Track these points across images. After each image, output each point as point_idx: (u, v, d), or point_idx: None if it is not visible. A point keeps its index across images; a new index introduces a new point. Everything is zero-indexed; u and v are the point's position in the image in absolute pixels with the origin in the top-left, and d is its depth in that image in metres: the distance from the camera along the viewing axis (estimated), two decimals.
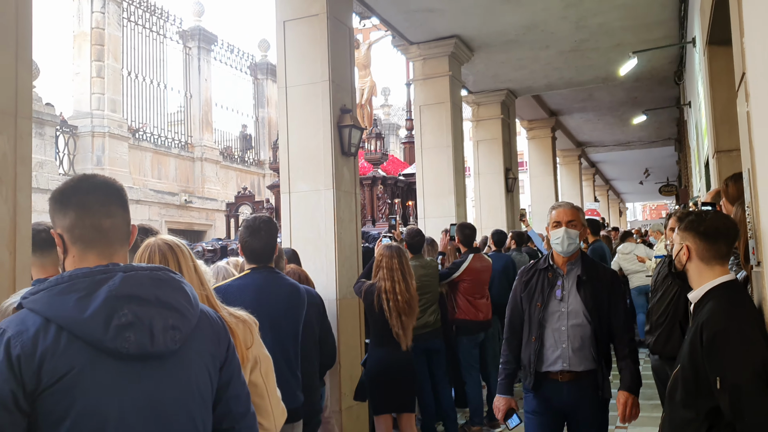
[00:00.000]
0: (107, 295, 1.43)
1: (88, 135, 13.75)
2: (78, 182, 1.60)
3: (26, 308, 1.45)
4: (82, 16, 14.13)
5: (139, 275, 1.52)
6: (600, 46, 8.91)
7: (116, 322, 1.42)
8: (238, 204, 11.99)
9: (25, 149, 2.83)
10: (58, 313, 1.41)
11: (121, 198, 1.64)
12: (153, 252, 2.01)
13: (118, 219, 1.60)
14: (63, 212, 1.57)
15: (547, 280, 3.30)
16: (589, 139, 17.59)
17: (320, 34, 5.54)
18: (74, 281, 1.45)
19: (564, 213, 3.29)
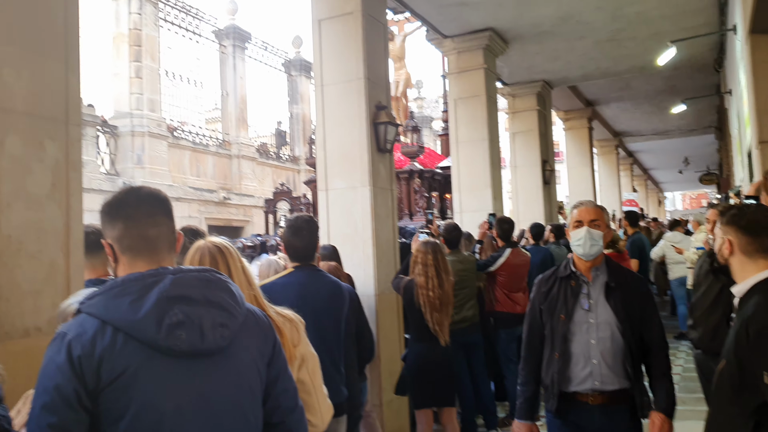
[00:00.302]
0: (158, 297, 1.52)
1: (128, 134, 14.03)
2: (125, 195, 1.69)
3: (84, 313, 1.54)
4: (119, 18, 14.40)
5: (187, 277, 1.60)
6: (637, 36, 8.79)
7: (168, 321, 1.50)
8: (276, 200, 12.14)
9: (75, 155, 2.94)
10: (114, 315, 1.50)
11: (165, 208, 1.72)
12: (203, 254, 2.08)
13: (164, 228, 1.69)
14: (112, 224, 1.66)
15: (570, 288, 2.94)
16: (626, 128, 17.35)
17: (355, 31, 5.58)
18: (127, 285, 1.54)
19: (586, 212, 2.96)
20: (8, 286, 2.62)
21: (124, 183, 13.35)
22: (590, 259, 2.93)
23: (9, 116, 2.67)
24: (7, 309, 2.61)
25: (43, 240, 2.76)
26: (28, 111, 2.75)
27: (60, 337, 1.51)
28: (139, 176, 13.78)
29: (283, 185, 12.83)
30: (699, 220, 7.71)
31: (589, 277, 2.95)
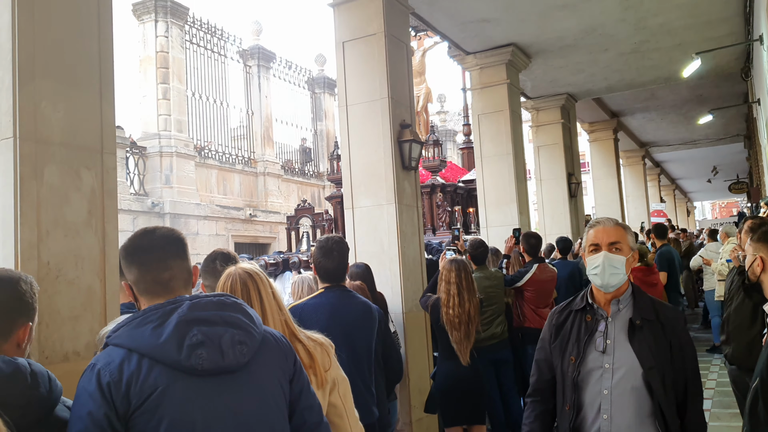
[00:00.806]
0: (178, 321, 1.61)
1: (157, 155, 14.26)
2: (139, 239, 1.79)
3: (111, 344, 1.65)
4: (147, 41, 14.69)
5: (203, 301, 1.70)
6: (661, 47, 8.75)
7: (188, 342, 1.59)
8: (299, 216, 12.09)
9: (111, 183, 3.02)
10: (138, 342, 1.60)
11: (178, 250, 1.81)
12: (234, 281, 2.14)
13: (176, 270, 1.78)
14: (128, 268, 1.78)
15: (584, 324, 2.41)
16: (652, 138, 17.20)
17: (378, 52, 5.65)
18: (147, 314, 1.65)
19: (604, 233, 2.41)
20: (48, 312, 2.70)
21: (152, 203, 13.58)
22: (611, 290, 2.39)
23: (47, 147, 2.77)
24: (47, 334, 2.69)
25: (81, 266, 2.85)
26: (65, 142, 2.84)
27: (90, 368, 1.61)
28: (168, 196, 14.00)
29: (305, 202, 12.84)
30: (728, 231, 7.60)
31: (609, 311, 2.41)
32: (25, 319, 1.67)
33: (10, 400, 1.51)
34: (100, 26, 3.08)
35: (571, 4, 7.15)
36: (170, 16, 14.66)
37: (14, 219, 2.63)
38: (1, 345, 1.61)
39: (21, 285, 1.67)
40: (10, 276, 1.67)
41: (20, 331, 1.66)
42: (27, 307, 1.68)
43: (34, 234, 2.68)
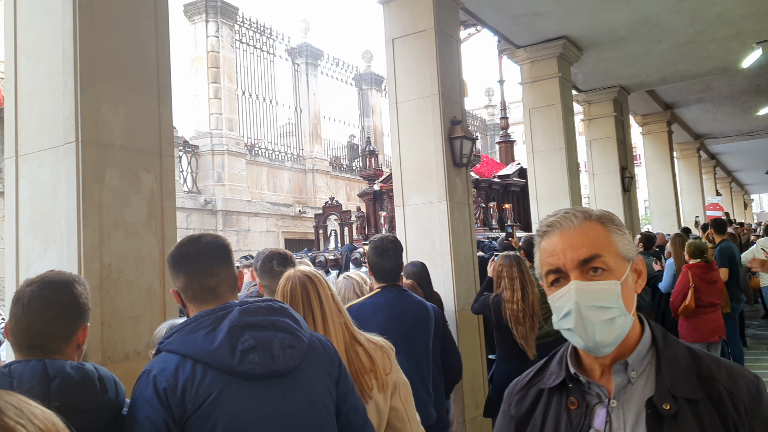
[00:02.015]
0: (230, 327, 1.65)
1: (209, 153, 14.50)
2: (186, 247, 1.82)
3: (164, 351, 1.68)
4: (198, 41, 14.93)
5: (253, 306, 1.72)
6: (718, 37, 8.47)
7: (240, 347, 1.63)
8: (327, 214, 11.99)
9: (169, 184, 3.08)
10: (191, 348, 1.64)
11: (224, 256, 1.83)
12: (294, 284, 2.16)
13: (222, 276, 1.80)
14: (176, 275, 1.80)
15: (565, 416, 1.34)
16: (708, 130, 16.70)
17: (429, 49, 5.61)
18: (199, 320, 1.68)
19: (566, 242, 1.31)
20: (110, 313, 2.77)
21: (205, 201, 13.81)
22: (605, 352, 1.31)
23: (108, 150, 2.83)
24: (109, 334, 2.75)
25: (141, 267, 2.90)
26: (125, 145, 2.90)
27: (146, 374, 1.64)
28: (220, 193, 14.22)
29: (332, 199, 12.70)
30: None
31: (610, 386, 1.32)
32: (83, 320, 1.71)
33: (83, 406, 1.54)
34: (157, 30, 3.13)
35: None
36: (220, 16, 14.87)
37: (77, 221, 2.69)
38: (64, 348, 1.65)
39: (77, 287, 1.70)
40: (65, 279, 1.70)
41: (80, 332, 1.70)
42: (84, 308, 1.71)
43: (96, 235, 2.74)
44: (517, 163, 12.32)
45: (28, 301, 1.62)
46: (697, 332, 6.19)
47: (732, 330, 7.17)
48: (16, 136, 2.93)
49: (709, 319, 6.19)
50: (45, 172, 2.81)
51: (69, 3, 2.77)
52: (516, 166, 11.90)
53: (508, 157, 13.67)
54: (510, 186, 11.01)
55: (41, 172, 2.83)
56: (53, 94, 2.80)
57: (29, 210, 2.86)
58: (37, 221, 2.83)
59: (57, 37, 2.81)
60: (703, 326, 6.17)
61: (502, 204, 10.48)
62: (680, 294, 6.18)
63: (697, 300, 6.06)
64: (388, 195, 10.48)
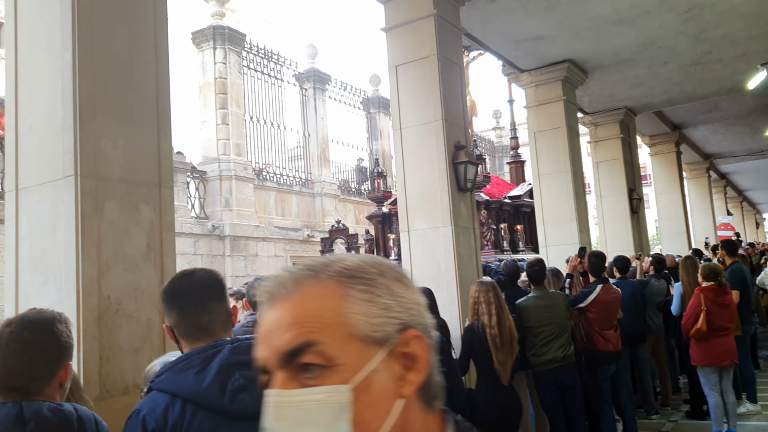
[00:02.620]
0: (219, 365, 1.62)
1: (216, 179, 14.57)
2: (178, 283, 1.81)
3: (155, 389, 1.66)
4: (206, 68, 15.08)
5: (244, 344, 1.70)
6: (723, 57, 8.47)
7: (230, 387, 1.60)
8: (333, 238, 11.83)
9: (168, 216, 3.08)
10: (181, 388, 1.61)
11: (216, 293, 1.81)
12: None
13: (215, 314, 1.78)
14: (168, 312, 1.79)
15: None
16: (717, 150, 16.63)
17: (431, 75, 5.63)
18: (190, 359, 1.66)
19: (271, 322, 0.81)
20: (109, 346, 2.75)
21: (213, 226, 13.85)
22: None
23: (107, 184, 2.83)
24: (108, 368, 2.74)
25: (140, 300, 2.89)
26: (124, 177, 2.90)
27: (135, 414, 1.62)
28: (228, 218, 14.26)
29: (339, 222, 12.59)
30: None
31: None
32: (64, 360, 1.69)
33: None
34: (157, 64, 3.15)
35: (627, 19, 7.00)
36: (228, 43, 15.02)
37: (76, 255, 2.69)
38: (45, 389, 1.63)
39: (57, 326, 1.68)
40: (45, 319, 1.68)
41: (61, 371, 1.67)
42: (64, 347, 1.69)
43: (95, 269, 2.74)
44: (528, 184, 12.22)
45: (6, 342, 1.59)
46: (710, 356, 6.10)
47: (744, 353, 7.06)
48: (17, 170, 2.94)
49: (721, 343, 6.09)
50: (44, 206, 2.82)
51: (68, 39, 2.79)
52: (527, 187, 11.79)
53: (518, 177, 13.60)
54: (521, 207, 10.93)
55: (41, 206, 2.84)
56: (53, 129, 2.82)
57: (29, 244, 2.87)
58: (37, 255, 2.83)
59: (56, 72, 2.83)
60: (715, 350, 6.08)
61: (513, 225, 10.38)
62: (692, 317, 6.10)
63: (709, 323, 5.97)
64: (397, 217, 10.44)
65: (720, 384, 6.14)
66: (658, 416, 7.23)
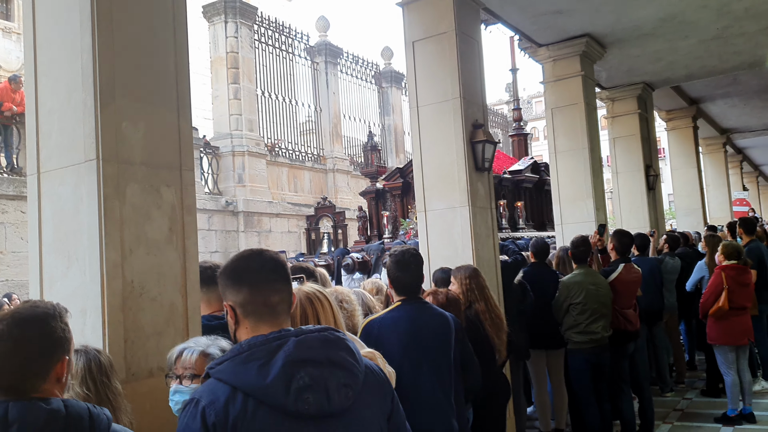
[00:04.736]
0: (284, 361, 1.55)
1: (229, 154, 14.55)
2: (248, 260, 1.74)
3: (214, 378, 1.59)
4: (217, 42, 14.99)
5: (309, 338, 1.63)
6: (746, 31, 8.29)
7: (295, 385, 1.54)
8: (319, 215, 11.39)
9: (189, 199, 3.06)
10: (243, 381, 1.55)
11: (284, 273, 1.76)
12: (295, 304, 2.11)
13: (284, 294, 1.73)
14: (236, 289, 1.71)
15: None
16: (734, 125, 16.40)
17: (449, 51, 5.54)
18: (253, 350, 1.58)
19: None
20: (133, 329, 2.75)
21: (226, 202, 13.87)
22: None
23: (128, 167, 2.81)
24: (132, 351, 2.74)
25: (163, 283, 2.89)
26: (145, 161, 2.88)
27: (193, 404, 1.56)
28: (241, 194, 14.27)
29: (325, 199, 12.15)
30: None
31: None
32: (60, 354, 1.63)
33: None
34: (176, 43, 3.11)
35: None
36: (239, 17, 14.90)
37: (99, 239, 2.68)
38: (40, 386, 1.58)
39: (50, 322, 1.62)
40: (36, 314, 1.62)
41: (57, 367, 1.63)
42: (59, 342, 1.63)
43: (118, 253, 2.72)
44: (530, 158, 12.03)
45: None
46: (727, 335, 6.10)
47: (760, 332, 7.05)
48: (38, 154, 2.92)
49: (738, 322, 6.10)
50: (66, 190, 2.80)
51: (87, 20, 2.75)
52: (529, 161, 11.58)
53: (521, 150, 13.42)
54: (522, 182, 10.78)
55: (63, 190, 2.82)
56: (73, 112, 2.79)
57: (52, 228, 2.86)
58: (60, 239, 2.82)
59: (76, 54, 2.79)
60: (733, 329, 6.08)
61: (513, 202, 10.21)
62: (713, 295, 6.09)
63: (729, 302, 5.96)
64: (391, 194, 10.26)
65: (737, 363, 6.14)
66: (673, 393, 7.26)
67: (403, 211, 10.05)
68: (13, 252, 10.19)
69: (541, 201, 11.48)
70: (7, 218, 10.17)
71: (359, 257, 7.67)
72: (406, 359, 3.05)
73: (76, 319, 2.63)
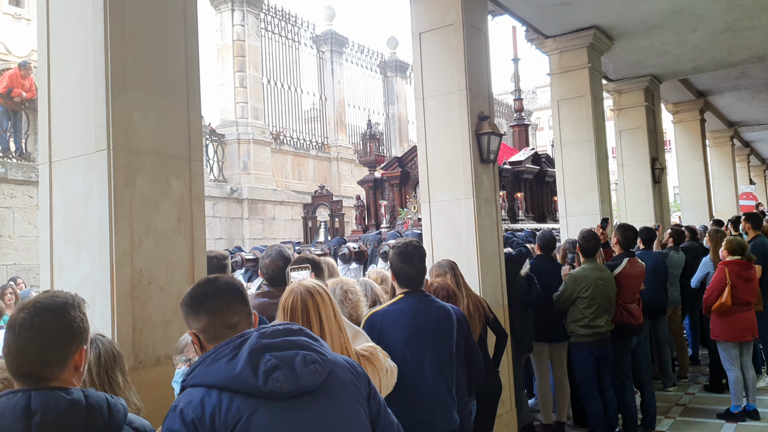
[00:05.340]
0: (249, 350, 1.64)
1: (234, 142, 14.58)
2: (204, 287, 1.81)
3: (188, 387, 1.67)
4: (224, 30, 14.97)
5: (270, 330, 1.72)
6: (756, 25, 8.25)
7: (263, 368, 1.62)
8: (316, 204, 11.35)
9: (198, 189, 3.09)
10: (215, 378, 1.63)
11: (241, 295, 1.84)
12: (295, 299, 2.18)
13: (243, 314, 1.81)
14: (196, 316, 1.79)
15: None
16: (742, 118, 16.32)
17: (456, 43, 5.54)
18: (218, 350, 1.67)
19: None
20: (141, 318, 2.79)
21: (231, 189, 13.90)
22: None
23: (138, 157, 2.84)
24: (140, 339, 2.78)
25: (171, 272, 2.92)
26: (155, 151, 2.91)
27: (172, 410, 1.65)
28: (245, 182, 14.30)
29: (322, 188, 12.15)
30: None
31: None
32: (78, 344, 1.66)
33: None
34: (186, 35, 3.13)
35: None
36: (246, 5, 14.88)
37: (109, 228, 2.71)
38: (60, 374, 1.61)
39: (69, 312, 1.65)
40: (57, 304, 1.65)
41: (76, 356, 1.65)
42: (78, 332, 1.66)
43: (128, 242, 2.76)
44: (531, 149, 11.95)
45: (19, 329, 1.59)
46: (731, 331, 6.09)
47: (764, 327, 7.04)
48: (50, 142, 2.95)
49: (742, 318, 6.08)
50: (77, 179, 2.83)
51: (100, 11, 2.77)
52: (530, 152, 11.49)
53: (522, 141, 13.34)
54: (522, 173, 10.72)
55: (74, 179, 2.85)
56: (84, 101, 2.82)
57: (63, 215, 2.89)
58: (71, 227, 2.86)
59: (88, 44, 2.81)
60: (737, 325, 6.07)
61: (512, 193, 10.15)
62: (716, 290, 6.08)
63: (732, 298, 5.96)
64: (390, 183, 10.22)
65: (740, 359, 6.14)
66: (675, 388, 7.27)
67: (401, 201, 10.02)
68: (21, 236, 10.26)
69: (541, 192, 11.44)
70: (16, 203, 10.23)
71: (356, 247, 7.68)
72: (409, 352, 3.07)
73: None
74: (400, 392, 2.89)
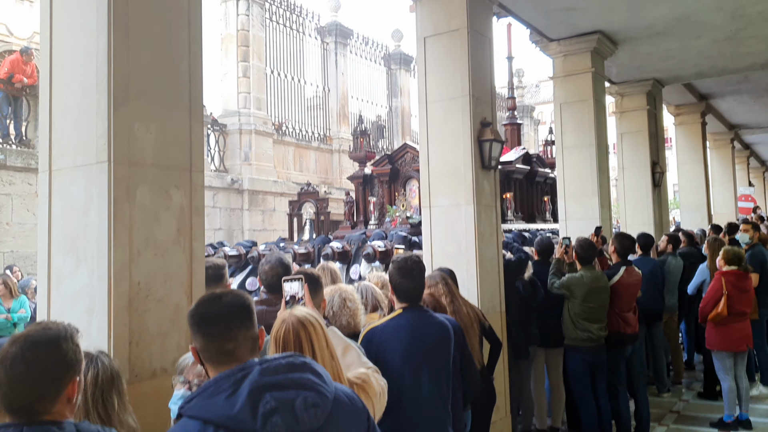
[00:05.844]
0: (250, 388, 1.59)
1: (236, 132, 14.55)
2: (204, 307, 1.79)
3: (185, 416, 1.64)
4: (228, 20, 14.91)
5: (273, 365, 1.67)
6: (759, 34, 8.24)
7: (262, 410, 1.57)
8: (302, 201, 11.21)
9: (198, 200, 3.08)
10: (212, 413, 1.60)
11: (243, 318, 1.79)
12: (288, 330, 2.15)
13: (240, 340, 1.76)
14: (195, 336, 1.78)
15: None
16: (743, 121, 16.31)
17: (461, 48, 5.52)
18: (219, 383, 1.63)
19: None
20: (138, 331, 2.80)
21: (232, 180, 13.89)
22: None
23: (139, 169, 2.84)
24: (137, 353, 2.79)
25: (169, 285, 2.93)
26: (156, 162, 2.91)
27: None
28: (246, 172, 14.29)
29: (309, 185, 12.08)
30: None
31: None
32: (71, 376, 1.66)
33: None
34: (190, 45, 3.12)
35: None
36: None
37: (108, 240, 2.71)
38: (52, 407, 1.62)
39: (62, 345, 1.65)
40: (49, 337, 1.64)
41: (68, 388, 1.66)
42: (71, 364, 1.66)
43: (126, 254, 2.76)
44: (522, 148, 11.83)
45: (11, 363, 1.58)
46: (726, 341, 6.11)
47: (759, 336, 7.07)
48: (50, 150, 2.95)
49: (738, 328, 6.10)
50: (78, 190, 2.83)
51: (104, 21, 2.76)
52: (521, 151, 11.35)
53: (513, 140, 13.24)
54: (512, 173, 10.56)
55: (74, 189, 2.85)
56: (87, 111, 2.81)
57: (61, 225, 2.89)
58: (69, 237, 2.86)
59: (91, 54, 2.80)
60: (732, 335, 6.09)
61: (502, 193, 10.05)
62: (712, 300, 6.09)
63: (729, 308, 5.97)
64: (379, 179, 10.12)
65: (734, 369, 6.17)
66: (670, 394, 7.30)
67: (390, 198, 9.93)
68: (19, 223, 10.27)
69: (531, 193, 11.33)
70: (14, 190, 10.23)
71: (339, 247, 7.65)
72: (407, 367, 3.09)
73: (81, 319, 2.68)
74: (397, 407, 2.91)
